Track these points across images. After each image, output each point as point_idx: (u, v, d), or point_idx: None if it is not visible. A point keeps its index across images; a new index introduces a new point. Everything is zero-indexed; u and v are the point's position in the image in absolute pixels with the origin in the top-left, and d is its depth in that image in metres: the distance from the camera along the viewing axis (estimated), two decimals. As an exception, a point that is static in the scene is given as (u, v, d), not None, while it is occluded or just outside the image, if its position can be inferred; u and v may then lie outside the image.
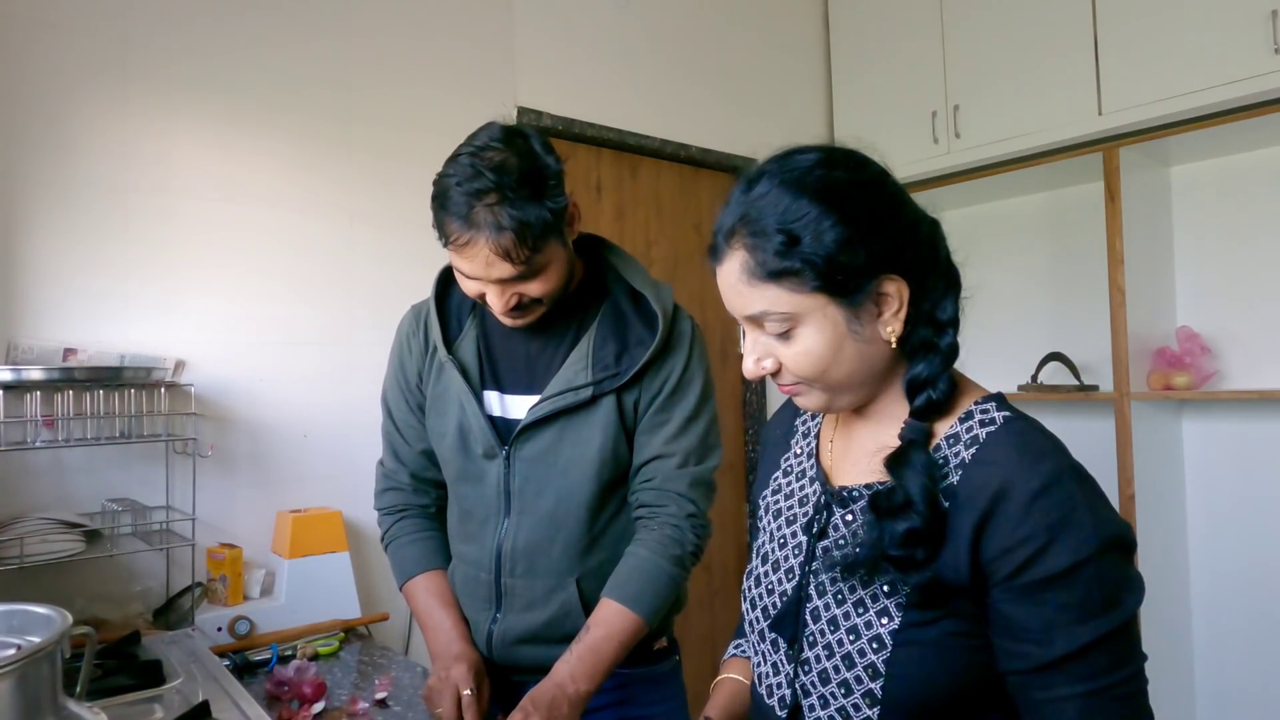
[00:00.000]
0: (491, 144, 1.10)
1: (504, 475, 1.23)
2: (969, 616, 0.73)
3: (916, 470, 0.74)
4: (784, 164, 0.77)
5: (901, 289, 0.75)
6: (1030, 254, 3.01)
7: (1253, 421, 2.49)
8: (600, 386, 1.20)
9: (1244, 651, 2.49)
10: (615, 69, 2.63)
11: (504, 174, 1.06)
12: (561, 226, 1.14)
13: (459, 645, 1.21)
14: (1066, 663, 0.68)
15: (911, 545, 0.71)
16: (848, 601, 0.77)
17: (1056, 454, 0.72)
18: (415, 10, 2.20)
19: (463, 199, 1.07)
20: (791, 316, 0.74)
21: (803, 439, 0.94)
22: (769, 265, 0.73)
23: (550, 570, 1.23)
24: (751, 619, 0.89)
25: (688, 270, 2.87)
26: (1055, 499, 0.69)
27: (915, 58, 2.93)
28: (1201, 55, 2.23)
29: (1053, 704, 0.69)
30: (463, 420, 1.25)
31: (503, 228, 1.06)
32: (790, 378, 0.79)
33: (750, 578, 0.91)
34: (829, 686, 0.77)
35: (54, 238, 1.68)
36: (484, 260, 1.09)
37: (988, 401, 0.78)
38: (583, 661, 1.12)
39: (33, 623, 0.90)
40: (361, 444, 2.00)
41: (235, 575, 1.73)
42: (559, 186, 1.12)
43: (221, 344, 1.86)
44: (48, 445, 1.59)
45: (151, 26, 1.80)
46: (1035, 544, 0.68)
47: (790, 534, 0.87)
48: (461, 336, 1.28)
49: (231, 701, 1.17)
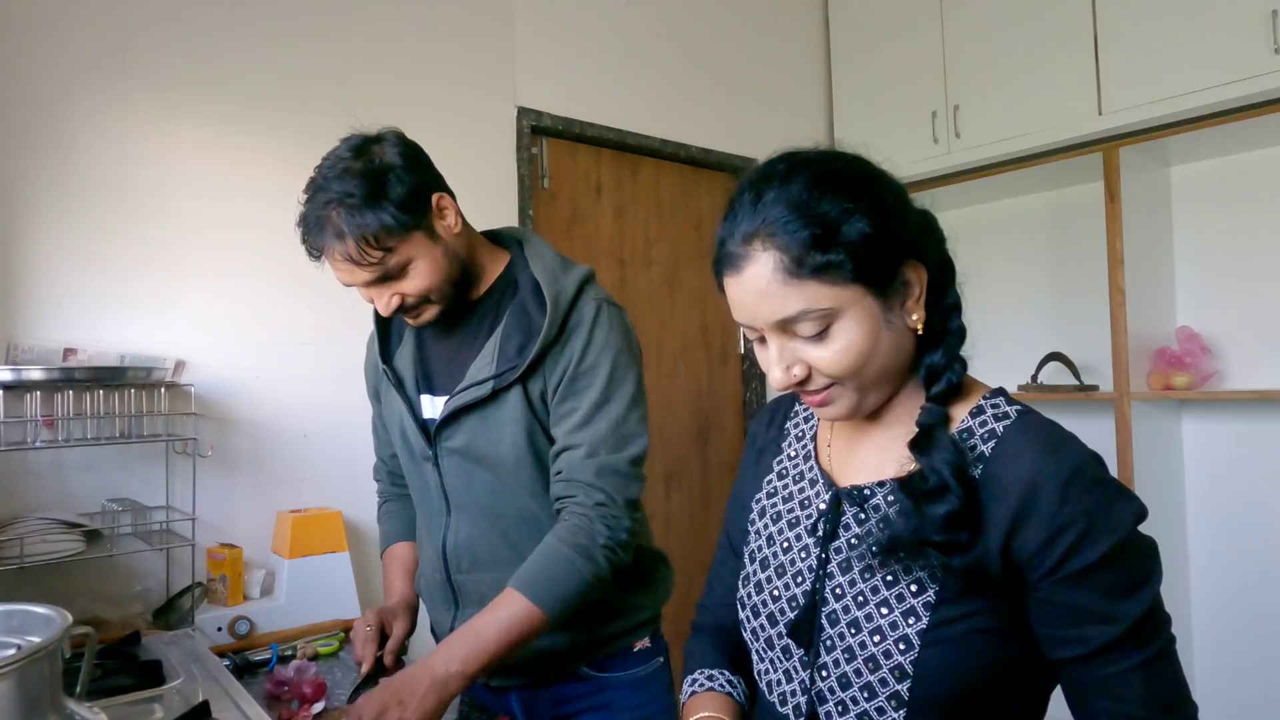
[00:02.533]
0: (341, 155, 1.14)
1: (437, 474, 1.26)
2: (996, 611, 0.73)
3: (945, 450, 0.73)
4: (792, 166, 0.76)
5: (922, 275, 0.76)
6: (1030, 254, 3.01)
7: (1253, 421, 2.49)
8: (501, 380, 1.18)
9: (1244, 651, 2.49)
10: (615, 69, 2.63)
11: (344, 181, 1.10)
12: (420, 224, 1.14)
13: (392, 600, 1.33)
14: (1129, 637, 0.70)
15: (954, 528, 0.71)
16: (870, 603, 0.76)
17: (1076, 442, 0.74)
18: (416, 10, 2.20)
19: (312, 214, 1.12)
20: (830, 313, 0.73)
21: (796, 442, 0.93)
22: (809, 260, 0.71)
23: (495, 563, 1.22)
24: (755, 627, 0.86)
25: (688, 270, 2.87)
26: (1087, 485, 0.71)
27: (915, 58, 2.93)
28: (1201, 55, 2.23)
29: (1119, 678, 0.71)
30: (403, 426, 1.29)
31: (343, 234, 1.10)
32: (822, 382, 0.76)
33: (748, 585, 0.88)
34: (850, 691, 0.76)
35: (54, 237, 1.68)
36: (344, 268, 1.13)
37: (995, 396, 0.79)
38: (461, 643, 1.06)
39: (33, 623, 0.90)
40: (361, 444, 1.98)
41: (235, 575, 1.73)
42: (405, 183, 1.12)
43: (221, 344, 1.86)
44: (48, 445, 1.59)
45: (151, 26, 1.80)
46: (1076, 531, 0.69)
47: (794, 537, 0.85)
48: (401, 345, 1.32)
49: (231, 701, 1.17)
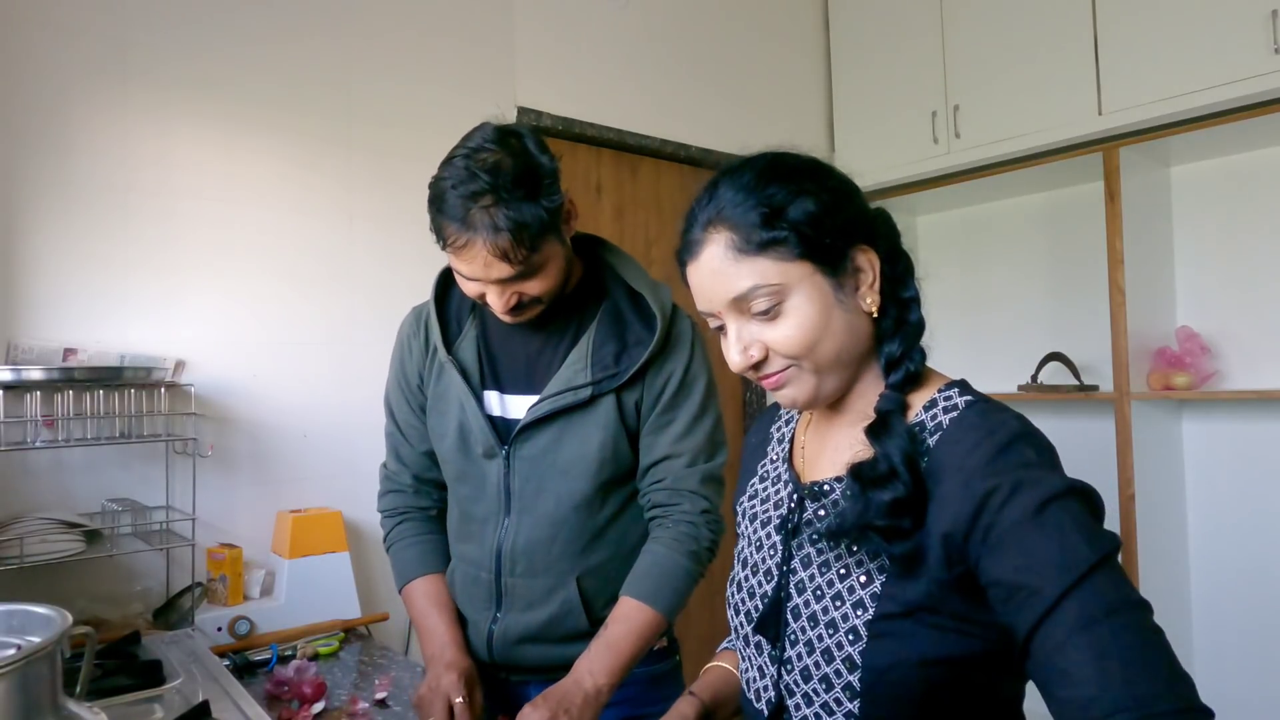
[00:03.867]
0: (486, 145, 1.10)
1: (504, 475, 1.23)
2: (942, 606, 0.72)
3: (899, 437, 0.75)
4: (745, 161, 0.81)
5: (874, 260, 0.79)
6: (1030, 254, 3.00)
7: (1253, 421, 2.49)
8: (599, 386, 1.20)
9: (1244, 651, 2.49)
10: (615, 69, 2.63)
11: (499, 175, 1.07)
12: (558, 225, 1.14)
13: (451, 652, 1.21)
14: (1063, 602, 0.65)
15: (897, 515, 0.72)
16: (826, 597, 0.78)
17: (1016, 421, 0.74)
18: (415, 9, 2.20)
19: (458, 202, 1.08)
20: (780, 289, 0.75)
21: (778, 445, 0.95)
22: (755, 238, 0.75)
23: (550, 569, 1.23)
24: (735, 624, 0.89)
25: (688, 270, 2.87)
26: (1015, 453, 0.71)
27: (915, 58, 2.93)
28: (1201, 55, 2.23)
29: (1061, 652, 0.64)
30: (463, 420, 1.25)
31: (499, 229, 1.07)
32: (779, 363, 0.78)
33: (732, 584, 0.91)
34: (811, 683, 0.78)
35: (54, 238, 1.68)
36: (482, 261, 1.09)
37: (950, 389, 0.80)
38: (600, 657, 1.12)
39: (33, 623, 0.90)
40: (362, 444, 2.00)
41: (235, 575, 1.73)
42: (554, 185, 1.12)
43: (221, 344, 1.86)
44: (48, 445, 1.59)
45: (151, 26, 1.80)
46: (1002, 494, 0.68)
47: (765, 535, 0.88)
48: (461, 337, 1.29)
49: (231, 701, 1.17)
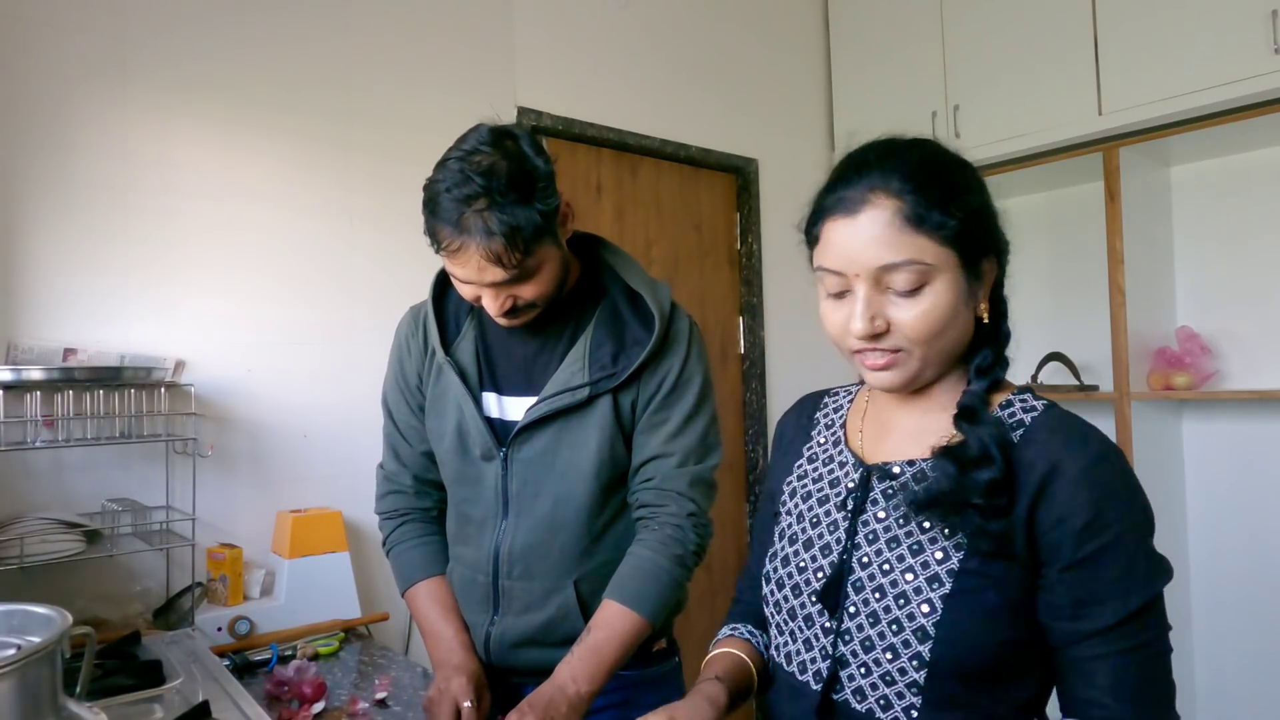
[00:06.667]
0: (480, 147, 1.09)
1: (502, 477, 1.23)
2: (1013, 587, 0.77)
3: (988, 424, 0.79)
4: (913, 142, 0.83)
5: (994, 271, 0.83)
6: (1030, 254, 3.00)
7: (1253, 421, 2.49)
8: (597, 387, 1.19)
9: (1244, 650, 2.49)
10: (615, 69, 2.63)
11: (493, 178, 1.06)
12: (554, 228, 1.13)
13: (460, 655, 1.20)
14: (1115, 628, 0.74)
15: (995, 494, 0.76)
16: (895, 570, 0.80)
17: (1100, 436, 0.79)
18: (415, 10, 2.20)
19: (452, 205, 1.07)
20: (929, 270, 0.77)
21: (825, 430, 0.97)
22: (928, 216, 0.77)
23: (548, 572, 1.22)
24: (778, 599, 0.90)
25: (688, 270, 2.87)
26: (1103, 475, 0.75)
27: (915, 58, 2.92)
28: (1201, 55, 2.23)
29: (1091, 661, 0.75)
30: (461, 422, 1.25)
31: (493, 233, 1.06)
32: (897, 341, 0.79)
33: (774, 560, 0.92)
34: (873, 653, 0.80)
35: (54, 238, 1.68)
36: (476, 265, 1.09)
37: (1023, 393, 0.84)
38: (584, 662, 1.11)
39: (33, 623, 0.90)
40: (361, 444, 2.00)
41: (235, 575, 1.73)
42: (550, 187, 1.11)
43: (221, 344, 1.86)
44: (48, 445, 1.59)
45: (151, 26, 1.80)
46: (1085, 516, 0.74)
47: (824, 513, 0.89)
48: (460, 338, 1.28)
49: (231, 701, 1.17)
